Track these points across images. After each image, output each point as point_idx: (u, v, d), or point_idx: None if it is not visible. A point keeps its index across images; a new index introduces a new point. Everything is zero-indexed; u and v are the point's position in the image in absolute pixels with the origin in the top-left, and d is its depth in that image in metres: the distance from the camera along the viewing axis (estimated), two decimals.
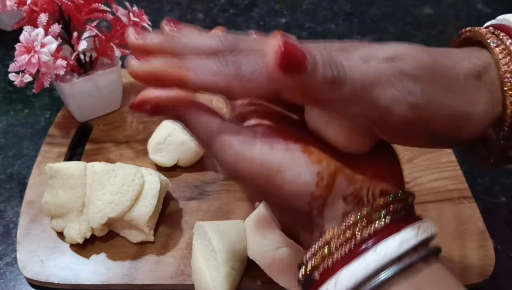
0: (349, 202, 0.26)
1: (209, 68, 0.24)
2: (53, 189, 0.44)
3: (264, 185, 0.26)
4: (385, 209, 0.25)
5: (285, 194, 0.26)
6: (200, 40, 0.27)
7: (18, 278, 0.43)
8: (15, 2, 0.47)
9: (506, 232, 0.49)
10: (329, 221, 0.26)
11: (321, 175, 0.26)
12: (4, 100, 0.62)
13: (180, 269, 0.43)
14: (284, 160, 0.26)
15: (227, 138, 0.26)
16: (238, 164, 0.26)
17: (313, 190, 0.26)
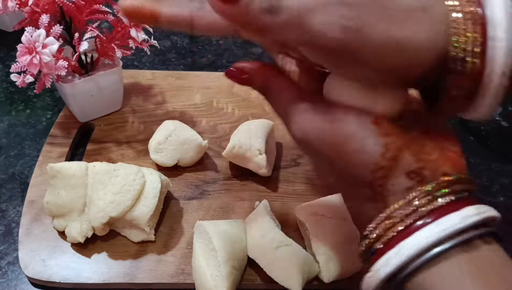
0: (411, 178, 0.27)
1: (178, 4, 0.28)
2: (55, 189, 0.44)
3: (332, 152, 0.27)
4: (449, 188, 0.26)
5: (351, 161, 0.27)
6: None
7: (20, 277, 0.44)
8: (17, 3, 0.47)
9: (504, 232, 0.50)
10: (391, 194, 0.27)
11: (387, 147, 0.27)
12: (6, 101, 0.62)
13: (181, 268, 0.43)
14: (354, 130, 0.27)
15: (305, 104, 0.29)
16: (311, 129, 0.28)
17: (378, 161, 0.27)
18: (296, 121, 0.29)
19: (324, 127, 0.28)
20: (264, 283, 0.43)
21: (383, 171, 0.27)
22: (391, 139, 0.27)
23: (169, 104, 0.60)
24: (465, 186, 0.27)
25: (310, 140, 0.28)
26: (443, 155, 0.28)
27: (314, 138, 0.28)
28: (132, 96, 0.61)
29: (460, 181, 0.27)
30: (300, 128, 0.28)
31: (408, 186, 0.27)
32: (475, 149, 0.59)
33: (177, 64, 0.70)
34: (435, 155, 0.28)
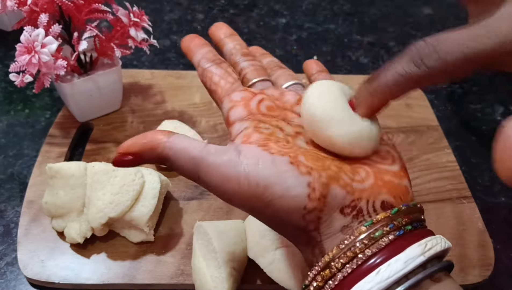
0: (347, 214, 0.25)
1: None
2: (54, 189, 0.44)
3: (255, 203, 0.25)
4: (388, 226, 0.24)
5: (277, 211, 0.25)
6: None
7: (19, 278, 0.43)
8: (16, 2, 0.47)
9: (506, 232, 0.50)
10: (327, 237, 0.25)
11: (312, 186, 0.24)
12: (4, 100, 0.62)
13: (180, 269, 0.43)
14: (271, 175, 0.25)
15: (212, 160, 0.26)
16: (226, 185, 0.26)
17: (306, 203, 0.24)
18: (207, 178, 0.26)
19: (240, 177, 0.25)
20: (264, 284, 0.42)
21: (314, 213, 0.24)
22: (315, 176, 0.25)
23: (169, 104, 0.60)
24: (407, 218, 0.24)
25: (229, 195, 0.26)
26: (379, 179, 0.26)
27: (232, 193, 0.26)
28: (132, 95, 0.61)
29: (400, 214, 0.24)
30: (215, 184, 0.26)
31: (344, 225, 0.25)
32: (477, 149, 0.59)
33: (177, 64, 0.70)
34: (369, 181, 0.25)
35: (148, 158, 0.28)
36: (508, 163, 0.20)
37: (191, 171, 0.27)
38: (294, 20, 0.80)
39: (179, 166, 0.27)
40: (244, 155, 0.26)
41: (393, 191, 0.25)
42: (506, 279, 0.45)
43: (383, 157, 0.27)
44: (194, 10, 0.81)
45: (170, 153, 0.27)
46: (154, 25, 0.57)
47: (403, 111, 0.61)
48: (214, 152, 0.27)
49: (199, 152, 0.27)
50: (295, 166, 0.25)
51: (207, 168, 0.26)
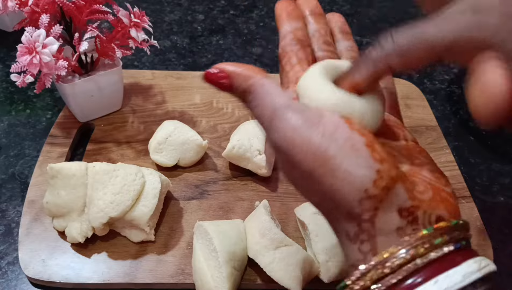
0: (404, 217, 0.24)
1: None
2: (55, 189, 0.44)
3: (316, 169, 0.24)
4: (447, 236, 0.24)
5: (336, 184, 0.24)
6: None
7: (20, 277, 0.44)
8: (17, 3, 0.47)
9: (504, 232, 0.50)
10: (382, 234, 0.24)
11: (381, 174, 0.24)
12: (6, 101, 0.62)
13: (181, 268, 0.43)
14: (344, 147, 0.24)
15: (292, 113, 0.25)
16: (294, 140, 0.25)
17: (369, 187, 0.23)
18: (280, 128, 0.25)
19: (313, 139, 0.24)
20: (264, 283, 0.43)
21: (373, 201, 0.24)
22: (385, 167, 0.24)
23: (169, 104, 0.60)
24: (462, 234, 0.24)
25: (294, 151, 0.25)
26: (437, 196, 0.25)
27: (299, 150, 0.24)
28: (132, 96, 0.61)
29: (457, 228, 0.24)
30: (284, 136, 0.25)
31: (399, 226, 0.24)
32: (475, 149, 0.59)
33: (177, 64, 0.70)
34: (428, 195, 0.25)
35: (237, 85, 0.28)
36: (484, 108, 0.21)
37: (267, 115, 0.26)
38: None
39: (258, 105, 0.27)
40: (325, 121, 0.25)
41: (449, 208, 0.25)
42: (505, 278, 0.46)
43: (437, 178, 0.27)
44: (194, 10, 0.81)
45: (258, 90, 0.27)
46: (154, 26, 0.57)
47: (402, 111, 0.61)
48: (297, 108, 0.26)
49: (284, 102, 0.26)
50: (370, 149, 0.24)
51: (283, 119, 0.25)
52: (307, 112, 0.26)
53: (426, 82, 0.69)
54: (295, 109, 0.26)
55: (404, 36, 0.25)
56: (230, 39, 0.75)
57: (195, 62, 0.71)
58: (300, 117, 0.25)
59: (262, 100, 0.27)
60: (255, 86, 0.27)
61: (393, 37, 0.25)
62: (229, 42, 0.75)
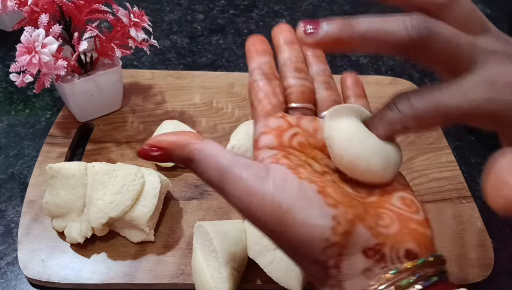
0: (370, 257, 0.24)
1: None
2: (54, 189, 0.44)
3: (275, 225, 0.25)
4: (415, 275, 0.23)
5: (297, 237, 0.24)
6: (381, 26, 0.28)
7: (19, 277, 0.44)
8: (16, 2, 0.47)
9: (505, 232, 0.50)
10: (348, 278, 0.24)
11: (337, 219, 0.24)
12: (5, 100, 0.62)
13: (181, 269, 0.43)
14: (296, 199, 0.24)
15: (239, 171, 0.25)
16: (249, 199, 0.25)
17: (328, 236, 0.24)
18: (232, 189, 0.25)
19: (265, 194, 0.24)
20: (264, 284, 0.43)
21: (336, 248, 0.24)
22: (341, 211, 0.24)
23: (169, 104, 0.60)
24: (433, 269, 0.24)
25: (251, 210, 0.25)
26: (404, 228, 0.25)
27: (255, 208, 0.25)
28: (132, 95, 0.61)
29: (427, 264, 0.24)
30: (239, 197, 0.25)
31: (366, 267, 0.24)
32: (476, 149, 0.59)
33: (177, 64, 0.70)
34: (394, 228, 0.25)
35: (175, 156, 0.27)
36: (499, 198, 0.21)
37: (215, 179, 0.26)
38: (294, 21, 0.80)
39: (204, 171, 0.27)
40: (273, 174, 0.25)
41: (418, 240, 0.25)
42: (505, 278, 0.46)
43: (408, 205, 0.27)
44: (194, 10, 0.81)
45: (198, 156, 0.27)
46: (154, 26, 0.57)
47: None
48: (242, 164, 0.26)
49: (228, 161, 0.26)
50: (322, 196, 0.24)
51: (232, 179, 0.26)
52: (253, 166, 0.26)
53: (427, 82, 0.69)
54: (241, 166, 0.26)
55: (422, 101, 0.26)
56: (230, 39, 0.75)
57: (195, 62, 0.71)
58: (248, 173, 0.25)
59: (206, 165, 0.27)
60: (195, 153, 0.27)
61: (410, 101, 0.26)
62: (229, 42, 0.75)
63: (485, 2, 0.84)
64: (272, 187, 0.25)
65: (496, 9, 0.82)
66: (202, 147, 0.27)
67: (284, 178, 0.25)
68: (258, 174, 0.25)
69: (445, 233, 0.47)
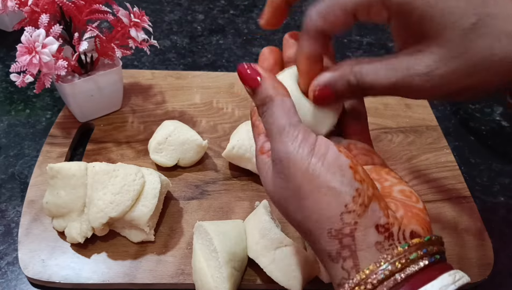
0: (381, 233, 0.26)
1: None
2: (54, 189, 0.44)
3: (305, 183, 0.27)
4: (422, 250, 0.26)
5: (320, 199, 0.27)
6: None
7: (20, 277, 0.44)
8: (16, 2, 0.47)
9: (504, 232, 0.50)
10: (362, 248, 0.26)
11: (359, 192, 0.27)
12: (5, 100, 0.62)
13: (181, 269, 0.43)
14: (332, 166, 0.27)
15: (297, 132, 0.28)
16: (294, 154, 0.28)
17: (348, 202, 0.26)
18: (285, 141, 0.28)
19: (307, 156, 0.27)
20: (264, 284, 0.43)
21: (353, 215, 0.26)
22: (364, 187, 0.27)
23: (169, 104, 0.60)
24: (436, 247, 0.27)
25: (289, 164, 0.28)
26: (409, 212, 0.28)
27: (293, 164, 0.27)
28: (132, 96, 0.61)
29: (431, 243, 0.27)
30: (286, 149, 0.28)
31: (378, 241, 0.26)
32: (476, 149, 0.59)
33: (177, 64, 0.70)
34: (400, 213, 0.28)
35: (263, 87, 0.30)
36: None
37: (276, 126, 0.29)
38: (294, 21, 0.80)
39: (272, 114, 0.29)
40: (319, 143, 0.28)
41: (421, 223, 0.28)
42: (505, 278, 0.46)
43: (408, 196, 0.30)
44: (194, 10, 0.81)
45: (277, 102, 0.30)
46: (154, 26, 0.57)
47: (402, 111, 0.62)
48: (301, 128, 0.29)
49: (293, 121, 0.29)
50: (352, 171, 0.27)
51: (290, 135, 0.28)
52: (307, 133, 0.29)
53: None
54: (300, 130, 0.29)
55: (323, 3, 0.30)
56: (230, 39, 0.75)
57: (195, 62, 0.71)
58: (302, 137, 0.28)
59: (277, 112, 0.29)
60: (276, 98, 0.30)
61: (315, 6, 0.30)
62: (229, 42, 0.75)
63: None
64: (315, 152, 0.27)
65: None
66: (283, 99, 0.30)
67: (327, 148, 0.28)
68: (309, 140, 0.28)
69: (445, 233, 0.47)
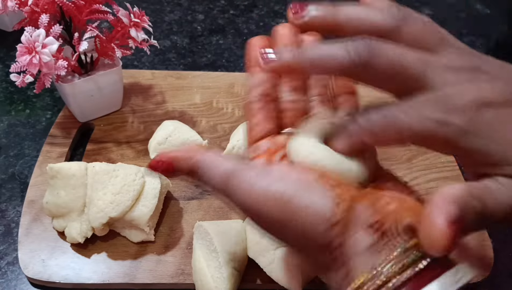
0: (373, 233, 0.24)
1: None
2: (54, 189, 0.44)
3: (280, 215, 0.25)
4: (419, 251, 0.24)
5: (302, 223, 0.25)
6: (364, 14, 0.28)
7: (20, 277, 0.44)
8: (16, 2, 0.47)
9: (504, 232, 0.50)
10: (355, 255, 0.24)
11: (337, 200, 0.25)
12: (5, 100, 0.62)
13: (181, 269, 0.43)
14: (298, 187, 0.25)
15: (243, 172, 0.27)
16: (253, 196, 0.26)
17: (330, 215, 0.24)
18: (238, 188, 0.26)
19: (269, 187, 0.26)
20: (264, 284, 0.43)
21: (339, 227, 0.24)
22: (341, 191, 0.25)
23: (169, 104, 0.60)
24: None
25: (258, 205, 0.26)
26: (402, 204, 0.26)
27: (261, 202, 0.26)
28: (132, 96, 0.61)
29: None
30: (244, 194, 0.26)
31: (370, 243, 0.24)
32: None
33: (177, 64, 0.70)
34: (393, 205, 0.25)
35: (180, 168, 0.29)
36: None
37: (220, 185, 0.27)
38: None
39: (209, 179, 0.28)
40: (275, 168, 0.27)
41: (416, 215, 0.25)
42: (505, 278, 0.46)
43: (401, 190, 0.28)
44: (194, 10, 0.81)
45: (202, 165, 0.28)
46: (154, 26, 0.57)
47: None
48: (245, 167, 0.27)
49: (231, 166, 0.27)
50: (321, 181, 0.26)
51: (237, 181, 0.27)
52: (255, 166, 0.27)
53: None
54: (244, 168, 0.27)
55: (378, 116, 0.26)
56: (230, 39, 0.75)
57: (195, 62, 0.71)
58: (252, 172, 0.27)
59: (210, 173, 0.28)
60: (200, 162, 0.28)
61: (369, 114, 0.26)
62: (229, 42, 0.75)
63: (485, 2, 0.84)
64: (274, 180, 0.26)
65: (496, 9, 0.82)
66: (205, 157, 0.28)
67: (284, 171, 0.26)
68: (260, 172, 0.27)
69: None
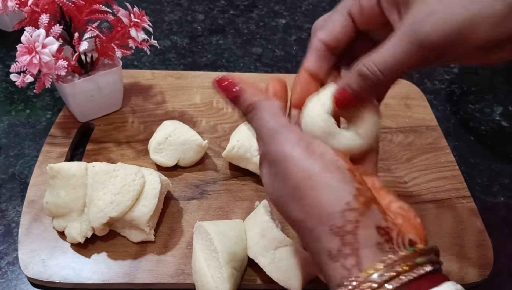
0: (381, 235, 0.26)
1: None
2: (54, 189, 0.44)
3: (303, 181, 0.27)
4: (426, 257, 0.26)
5: (320, 196, 0.26)
6: None
7: (20, 277, 0.44)
8: (16, 2, 0.47)
9: (504, 232, 0.50)
10: (364, 247, 0.25)
11: (360, 191, 0.26)
12: (5, 100, 0.62)
13: (181, 269, 0.43)
14: (330, 167, 0.27)
15: (291, 133, 0.28)
16: (291, 154, 0.28)
17: (350, 200, 0.26)
18: (280, 141, 0.28)
19: (305, 155, 0.27)
20: (264, 284, 0.43)
21: (355, 214, 0.26)
22: (364, 188, 0.27)
23: (169, 104, 0.60)
24: (437, 257, 0.27)
25: (287, 164, 0.28)
26: (407, 223, 0.28)
27: (291, 163, 0.27)
28: (132, 96, 0.61)
29: (434, 251, 0.27)
30: (282, 149, 0.28)
31: (379, 242, 0.25)
32: (475, 149, 0.59)
33: (177, 64, 0.70)
34: (399, 221, 0.28)
35: (244, 98, 0.30)
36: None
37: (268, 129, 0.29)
38: (293, 21, 0.80)
39: (261, 118, 0.30)
40: (317, 144, 0.28)
41: (419, 234, 0.28)
42: (505, 278, 0.46)
43: (406, 211, 0.30)
44: (194, 10, 0.81)
45: (263, 106, 0.30)
46: (154, 26, 0.57)
47: (402, 111, 0.62)
48: (295, 129, 0.29)
49: (285, 122, 0.29)
50: (351, 173, 0.27)
51: (284, 136, 0.28)
52: (300, 133, 0.29)
53: (426, 82, 0.69)
54: (291, 130, 0.29)
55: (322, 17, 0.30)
56: (230, 39, 0.75)
57: (195, 62, 0.71)
58: (295, 137, 0.28)
59: (264, 117, 0.29)
60: (261, 103, 0.30)
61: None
62: (229, 42, 0.75)
63: None
64: (312, 152, 0.28)
65: None
66: (268, 102, 0.30)
67: (325, 149, 0.28)
68: (306, 141, 0.28)
69: (444, 233, 0.47)
